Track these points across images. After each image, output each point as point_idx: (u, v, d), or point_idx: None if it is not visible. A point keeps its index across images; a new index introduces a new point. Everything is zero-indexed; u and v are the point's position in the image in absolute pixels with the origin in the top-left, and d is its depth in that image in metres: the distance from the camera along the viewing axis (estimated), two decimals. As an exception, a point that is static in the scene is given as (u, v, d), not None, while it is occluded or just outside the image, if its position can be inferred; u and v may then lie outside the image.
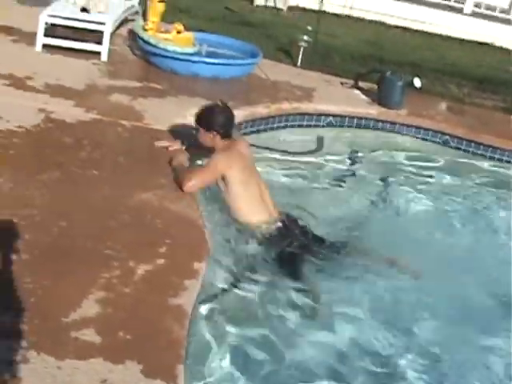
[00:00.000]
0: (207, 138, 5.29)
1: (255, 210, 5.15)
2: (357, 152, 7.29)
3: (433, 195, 6.69)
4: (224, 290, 4.48)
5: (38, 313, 3.44)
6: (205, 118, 5.30)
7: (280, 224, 5.19)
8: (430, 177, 7.09)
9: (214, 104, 5.37)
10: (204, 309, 4.13)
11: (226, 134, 5.29)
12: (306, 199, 5.99)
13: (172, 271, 4.04)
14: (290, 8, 13.31)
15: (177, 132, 5.94)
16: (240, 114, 6.83)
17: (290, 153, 6.86)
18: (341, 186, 6.57)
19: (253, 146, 6.60)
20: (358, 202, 6.26)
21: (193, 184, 5.02)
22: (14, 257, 3.83)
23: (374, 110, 7.85)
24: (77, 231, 4.26)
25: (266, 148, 6.76)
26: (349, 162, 7.09)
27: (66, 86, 6.67)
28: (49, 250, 3.99)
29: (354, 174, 6.86)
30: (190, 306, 3.76)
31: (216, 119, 5.26)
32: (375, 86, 8.07)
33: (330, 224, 5.59)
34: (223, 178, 5.06)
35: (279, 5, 13.14)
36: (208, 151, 5.30)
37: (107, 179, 5.01)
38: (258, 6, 13.14)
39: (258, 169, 5.42)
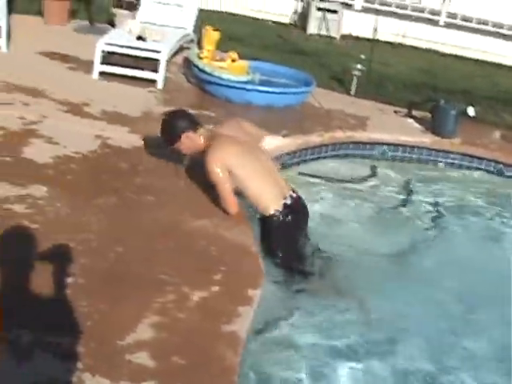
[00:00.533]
0: (187, 144, 5.22)
1: (265, 183, 5.06)
2: (410, 180, 7.25)
3: (485, 226, 6.61)
4: (278, 317, 4.47)
5: (94, 336, 3.48)
6: (170, 134, 5.26)
7: (291, 200, 5.11)
8: (483, 206, 6.98)
9: (163, 119, 5.35)
10: (258, 336, 4.12)
11: (196, 125, 5.24)
12: (355, 225, 6.06)
13: (226, 298, 4.05)
14: (343, 36, 13.34)
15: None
16: (293, 143, 6.89)
17: (342, 180, 6.87)
18: (392, 213, 6.54)
19: (305, 174, 6.66)
20: (409, 230, 6.23)
21: (229, 205, 4.97)
22: (70, 281, 3.89)
23: (427, 139, 7.80)
24: (132, 256, 4.31)
25: (319, 176, 6.77)
26: (401, 189, 7.05)
27: (123, 113, 6.78)
28: (105, 275, 4.05)
29: (406, 202, 6.81)
30: (244, 332, 3.76)
31: (177, 124, 5.22)
32: (429, 115, 8.03)
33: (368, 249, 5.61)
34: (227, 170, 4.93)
35: (332, 33, 13.19)
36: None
37: (162, 205, 5.06)
38: (311, 35, 13.21)
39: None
